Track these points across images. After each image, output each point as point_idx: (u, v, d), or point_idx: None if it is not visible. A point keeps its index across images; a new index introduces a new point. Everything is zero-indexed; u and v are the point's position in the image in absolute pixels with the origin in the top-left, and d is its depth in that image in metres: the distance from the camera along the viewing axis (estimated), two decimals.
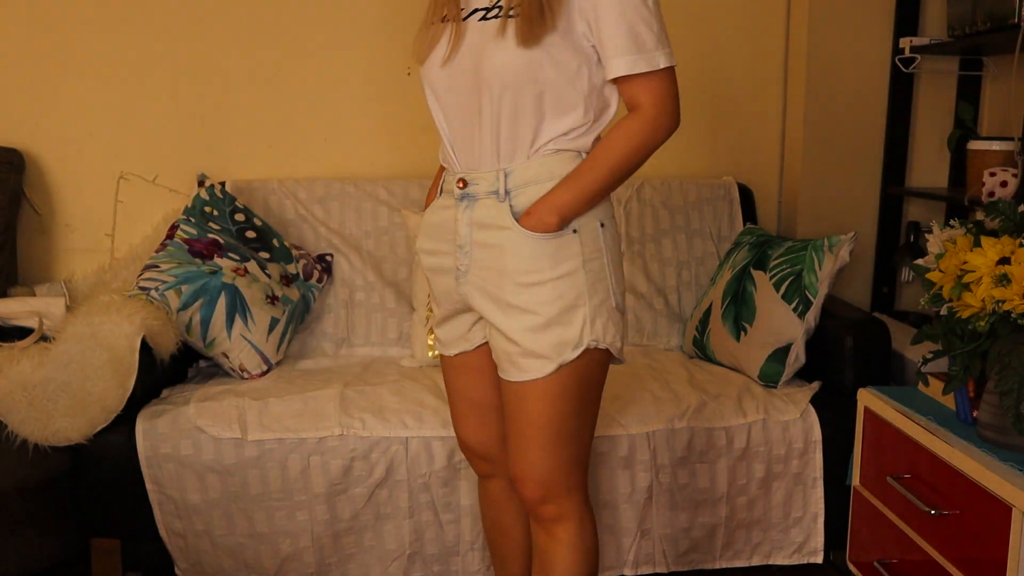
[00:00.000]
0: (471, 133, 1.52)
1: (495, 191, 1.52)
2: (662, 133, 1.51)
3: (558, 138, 1.50)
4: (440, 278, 1.62)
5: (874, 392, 2.14)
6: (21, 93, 2.83)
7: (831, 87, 2.91)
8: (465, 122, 1.53)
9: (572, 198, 1.49)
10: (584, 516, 1.63)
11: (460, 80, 1.51)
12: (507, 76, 1.45)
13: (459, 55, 1.50)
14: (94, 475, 2.16)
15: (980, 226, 1.82)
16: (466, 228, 1.54)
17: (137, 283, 2.41)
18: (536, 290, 1.51)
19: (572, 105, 1.49)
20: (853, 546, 2.23)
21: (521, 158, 1.50)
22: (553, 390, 1.54)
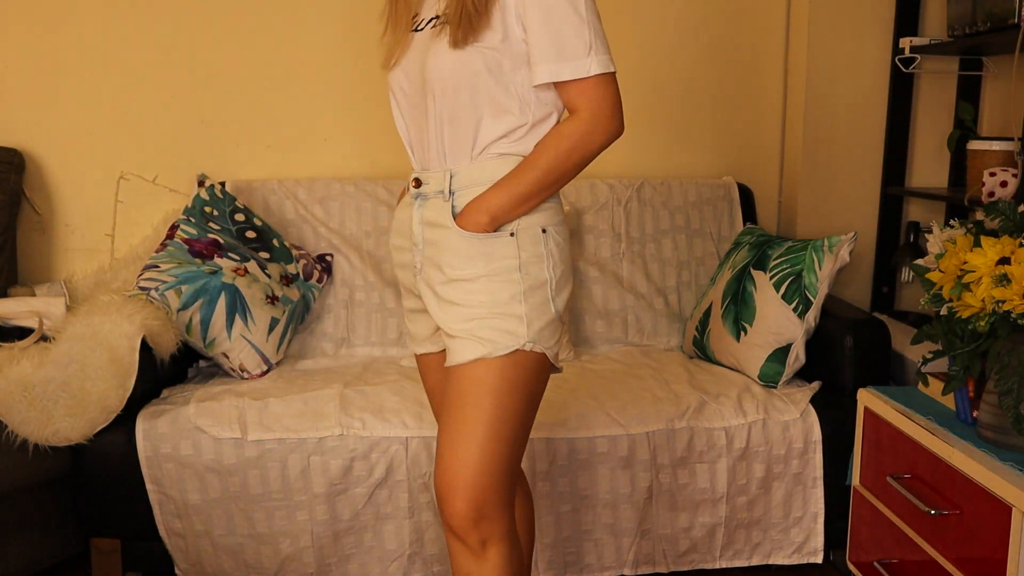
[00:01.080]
0: (422, 134, 1.58)
1: (441, 191, 1.55)
2: (600, 138, 1.50)
3: (498, 141, 1.52)
4: (405, 273, 1.65)
5: (874, 392, 2.14)
6: (21, 93, 2.83)
7: (831, 87, 2.91)
8: (418, 124, 1.58)
9: (504, 200, 1.51)
10: (515, 536, 1.56)
11: (412, 84, 1.57)
12: (444, 77, 1.50)
13: (409, 60, 1.58)
14: (94, 475, 2.16)
15: (980, 226, 1.82)
16: (418, 226, 1.58)
17: (137, 283, 2.41)
18: (467, 285, 1.53)
19: (506, 108, 1.50)
20: (853, 546, 2.23)
21: (464, 160, 1.54)
22: (490, 379, 1.50)
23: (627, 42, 2.97)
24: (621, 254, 2.84)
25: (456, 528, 1.51)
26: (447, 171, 1.54)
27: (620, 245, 2.84)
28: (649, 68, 3.01)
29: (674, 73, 3.02)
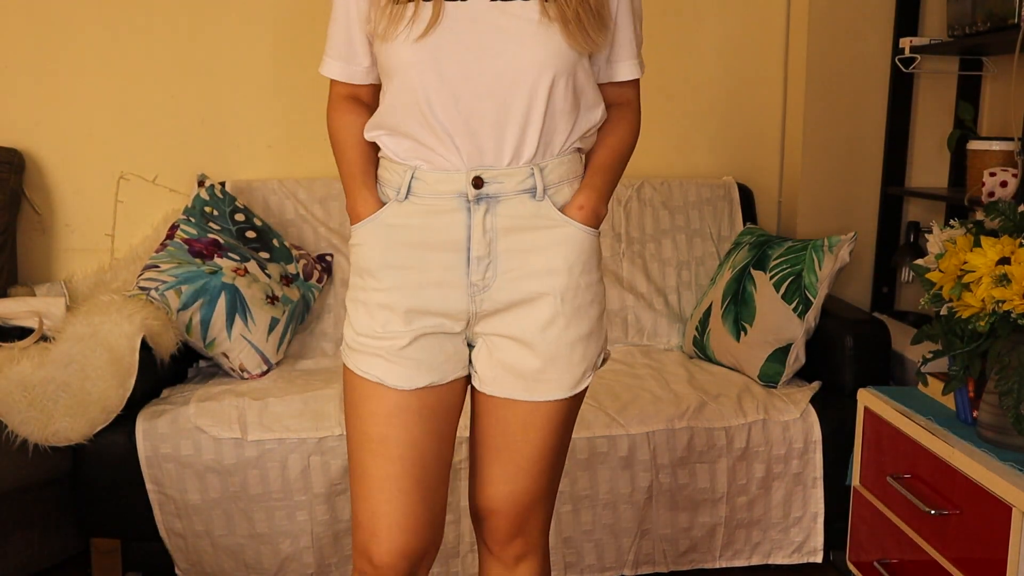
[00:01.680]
0: (481, 125, 1.35)
1: (530, 189, 1.38)
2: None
3: (584, 135, 1.43)
4: (432, 292, 1.40)
5: (874, 392, 2.14)
6: (21, 93, 2.83)
7: (831, 87, 2.91)
8: (477, 112, 1.34)
9: (608, 192, 1.46)
10: (547, 552, 1.53)
11: (474, 64, 1.33)
12: (548, 62, 1.33)
13: (466, 33, 1.33)
14: (94, 475, 2.16)
15: (980, 226, 1.82)
16: (487, 234, 1.38)
17: (137, 283, 2.41)
18: (589, 294, 1.43)
19: (596, 101, 1.43)
20: (853, 546, 2.23)
21: (552, 154, 1.39)
22: (564, 414, 1.44)
23: None
24: (621, 254, 2.84)
25: (493, 545, 1.50)
26: (532, 166, 1.37)
27: (620, 245, 2.84)
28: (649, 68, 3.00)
29: (674, 73, 3.02)
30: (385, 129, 1.41)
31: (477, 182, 1.36)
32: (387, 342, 1.40)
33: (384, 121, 1.41)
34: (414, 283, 1.40)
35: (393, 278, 1.40)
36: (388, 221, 1.41)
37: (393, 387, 1.39)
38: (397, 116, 1.38)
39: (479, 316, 1.41)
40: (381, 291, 1.41)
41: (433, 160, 1.38)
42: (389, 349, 1.40)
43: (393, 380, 1.39)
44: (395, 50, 1.35)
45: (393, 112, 1.39)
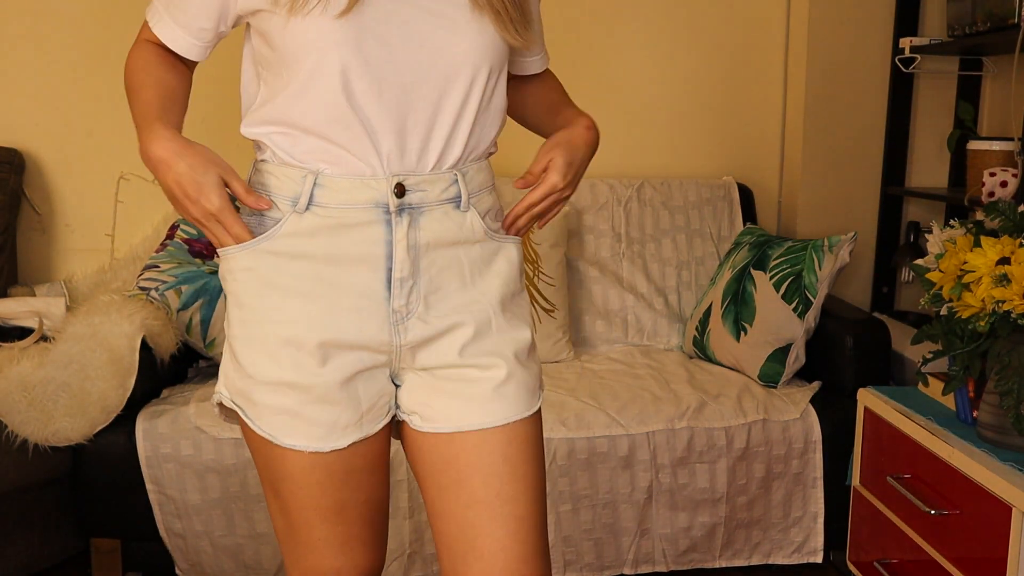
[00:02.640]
0: (421, 122, 1.16)
1: (453, 198, 1.19)
2: None
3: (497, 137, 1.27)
4: (347, 320, 1.17)
5: (874, 392, 2.14)
6: (21, 93, 2.83)
7: (831, 87, 2.91)
8: (411, 106, 1.15)
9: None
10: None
11: (398, 53, 1.14)
12: (482, 54, 1.17)
13: (390, 19, 1.14)
14: (94, 475, 2.16)
15: (980, 226, 1.82)
16: (411, 251, 1.17)
17: (137, 283, 2.41)
18: (524, 306, 1.27)
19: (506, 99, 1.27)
20: (853, 546, 2.23)
21: (474, 159, 1.22)
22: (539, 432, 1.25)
23: (627, 42, 2.97)
24: (621, 254, 2.84)
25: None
26: (455, 172, 1.19)
27: (620, 245, 2.84)
28: (649, 68, 3.01)
29: (674, 73, 3.02)
30: (280, 126, 1.17)
31: (400, 190, 1.15)
32: (297, 391, 1.15)
33: (279, 115, 1.16)
34: (324, 310, 1.16)
35: (297, 307, 1.16)
36: (284, 238, 1.16)
37: (312, 451, 1.17)
38: (300, 108, 1.14)
39: (403, 349, 1.19)
40: (282, 323, 1.16)
41: (343, 163, 1.15)
42: (301, 400, 1.16)
43: (309, 441, 1.16)
44: (308, 27, 1.11)
45: (294, 104, 1.14)
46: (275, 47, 1.15)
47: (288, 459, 1.18)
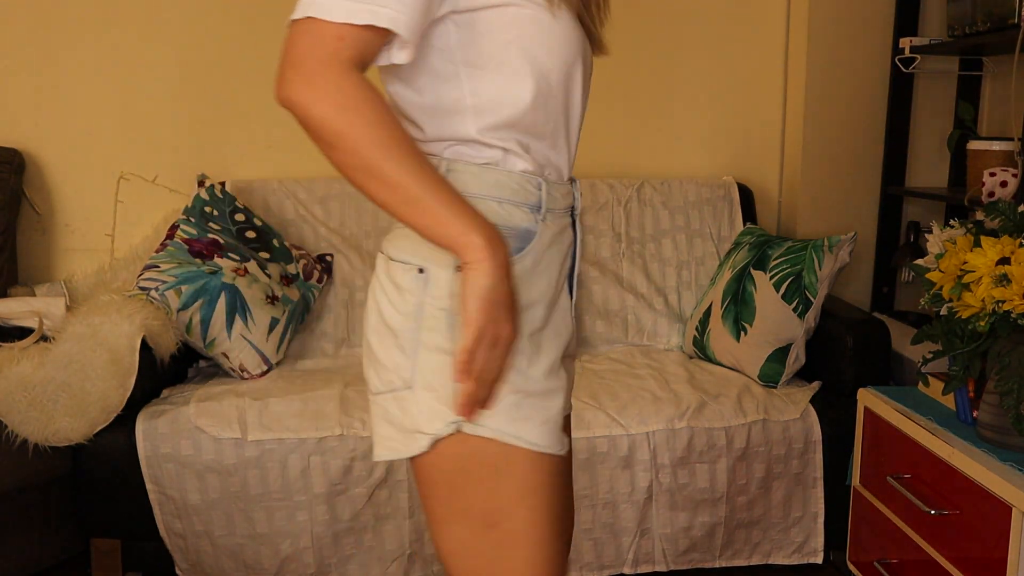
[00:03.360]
0: (576, 128, 1.22)
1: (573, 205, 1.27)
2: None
3: None
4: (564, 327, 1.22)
5: (874, 392, 2.14)
6: (21, 93, 2.83)
7: (831, 87, 2.91)
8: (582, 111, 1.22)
9: None
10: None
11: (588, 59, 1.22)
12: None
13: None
14: (94, 475, 2.16)
15: (980, 226, 1.82)
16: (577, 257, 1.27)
17: (137, 283, 2.41)
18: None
19: None
20: (853, 546, 2.23)
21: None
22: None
23: (628, 42, 2.97)
24: (621, 254, 2.84)
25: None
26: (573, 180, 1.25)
27: (620, 245, 2.84)
28: (649, 68, 3.01)
29: (674, 73, 3.02)
30: (525, 133, 1.14)
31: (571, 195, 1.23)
32: (557, 397, 1.15)
33: (524, 121, 1.13)
34: (560, 316, 1.20)
35: (543, 315, 1.17)
36: (532, 251, 1.16)
37: (558, 454, 1.16)
38: (544, 112, 1.13)
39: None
40: (546, 330, 1.18)
41: (556, 167, 1.19)
42: (559, 406, 1.16)
43: (559, 446, 1.16)
44: (565, 26, 1.11)
45: (540, 107, 1.13)
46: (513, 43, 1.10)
47: (546, 467, 1.15)
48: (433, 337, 1.11)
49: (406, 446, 1.14)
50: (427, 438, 1.12)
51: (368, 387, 1.18)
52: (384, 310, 1.15)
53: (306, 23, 1.03)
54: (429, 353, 1.11)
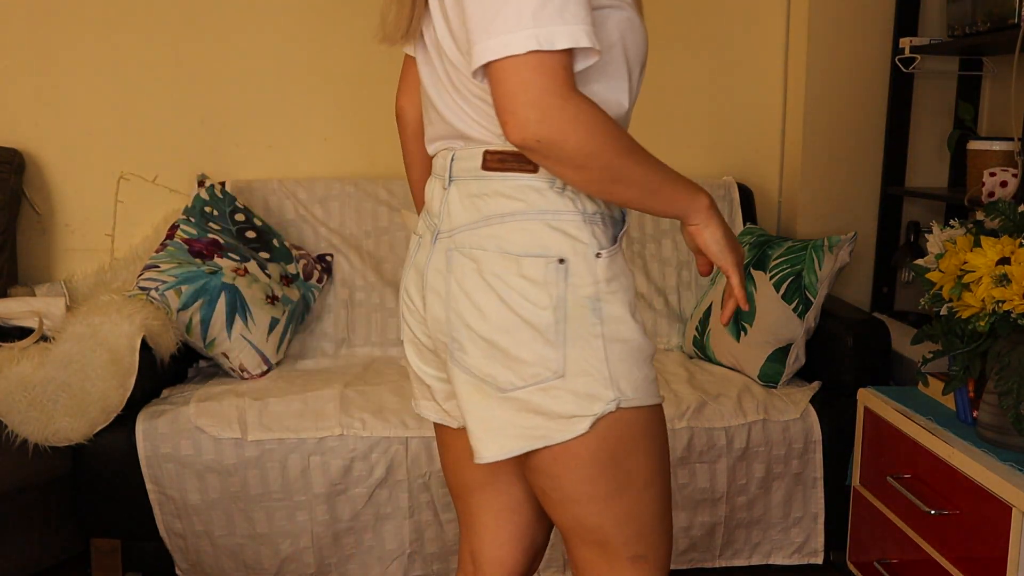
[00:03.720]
0: None
1: None
2: None
3: None
4: None
5: (874, 392, 2.14)
6: (21, 93, 2.83)
7: (831, 87, 2.91)
8: None
9: None
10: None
11: None
12: None
13: None
14: (94, 475, 2.16)
15: (980, 226, 1.82)
16: None
17: (137, 283, 2.41)
18: None
19: None
20: (853, 546, 2.23)
21: None
22: None
23: None
24: None
25: None
26: None
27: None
28: (649, 68, 3.00)
29: (674, 73, 3.02)
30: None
31: None
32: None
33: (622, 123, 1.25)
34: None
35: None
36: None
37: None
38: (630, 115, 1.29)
39: None
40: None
41: None
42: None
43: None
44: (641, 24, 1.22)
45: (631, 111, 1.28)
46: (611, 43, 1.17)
47: (663, 417, 1.29)
48: (581, 325, 1.17)
49: (561, 432, 1.19)
50: (588, 419, 1.18)
51: (495, 385, 1.19)
52: (517, 307, 1.17)
53: (530, 59, 1.05)
54: (580, 341, 1.17)
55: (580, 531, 1.26)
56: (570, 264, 1.17)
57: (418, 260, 1.30)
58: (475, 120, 1.21)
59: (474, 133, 1.21)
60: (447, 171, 1.25)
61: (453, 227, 1.22)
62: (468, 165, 1.22)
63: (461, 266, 1.21)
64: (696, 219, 1.22)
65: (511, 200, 1.19)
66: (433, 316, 1.25)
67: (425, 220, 1.31)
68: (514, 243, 1.18)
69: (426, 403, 1.39)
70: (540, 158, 1.10)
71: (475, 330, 1.19)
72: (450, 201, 1.24)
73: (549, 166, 1.11)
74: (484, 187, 1.20)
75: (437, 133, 1.28)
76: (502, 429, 1.20)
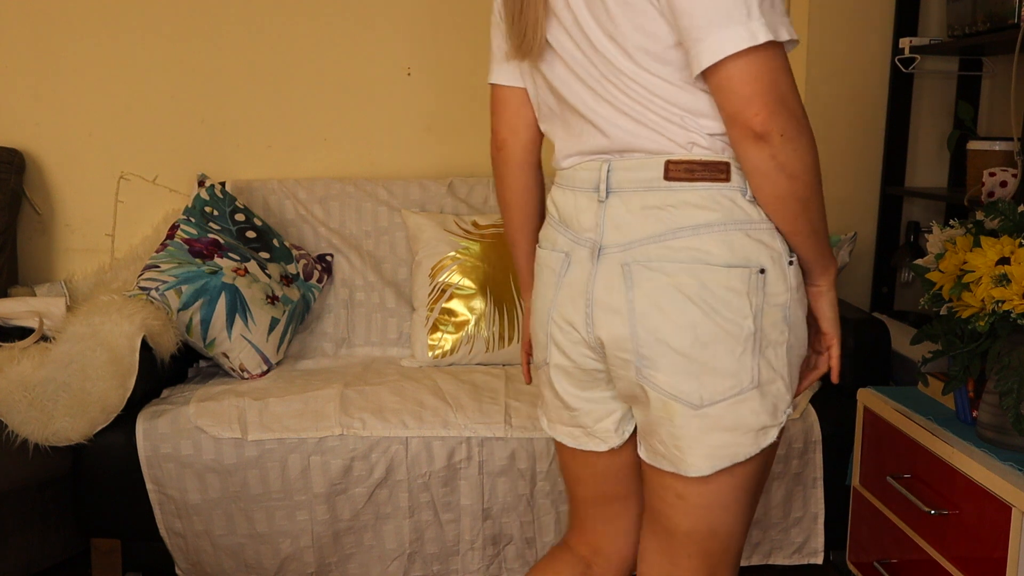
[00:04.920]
0: None
1: None
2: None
3: None
4: None
5: (874, 392, 2.14)
6: (21, 93, 2.83)
7: (831, 87, 2.91)
8: None
9: None
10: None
11: None
12: None
13: None
14: (94, 475, 2.16)
15: (980, 226, 1.82)
16: None
17: (137, 283, 2.41)
18: None
19: None
20: (853, 546, 2.23)
21: None
22: None
23: None
24: None
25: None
26: None
27: None
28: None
29: None
30: None
31: None
32: None
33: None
34: None
35: None
36: None
37: None
38: None
39: None
40: None
41: None
42: None
43: None
44: None
45: None
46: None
47: None
48: (775, 332, 1.20)
49: (756, 443, 1.24)
50: (776, 429, 1.25)
51: (687, 403, 1.20)
52: (721, 319, 1.17)
53: (771, 49, 1.11)
54: (770, 349, 1.21)
55: (706, 538, 1.29)
56: (768, 273, 1.18)
57: (573, 279, 1.26)
58: (651, 129, 1.18)
59: (644, 144, 1.19)
60: (600, 183, 1.22)
61: (628, 240, 1.20)
62: (641, 176, 1.20)
63: (649, 280, 1.19)
64: (824, 281, 1.26)
65: (704, 211, 1.17)
66: (611, 335, 1.22)
67: (565, 235, 1.27)
68: (714, 254, 1.17)
69: (564, 428, 1.38)
70: (768, 156, 1.11)
71: (670, 344, 1.18)
72: (614, 214, 1.21)
73: (769, 168, 1.12)
74: (668, 198, 1.18)
75: (581, 147, 1.25)
76: (700, 444, 1.22)
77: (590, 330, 1.24)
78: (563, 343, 1.29)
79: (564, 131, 1.29)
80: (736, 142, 1.13)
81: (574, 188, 1.27)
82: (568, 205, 1.27)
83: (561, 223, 1.29)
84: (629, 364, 1.22)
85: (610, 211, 1.21)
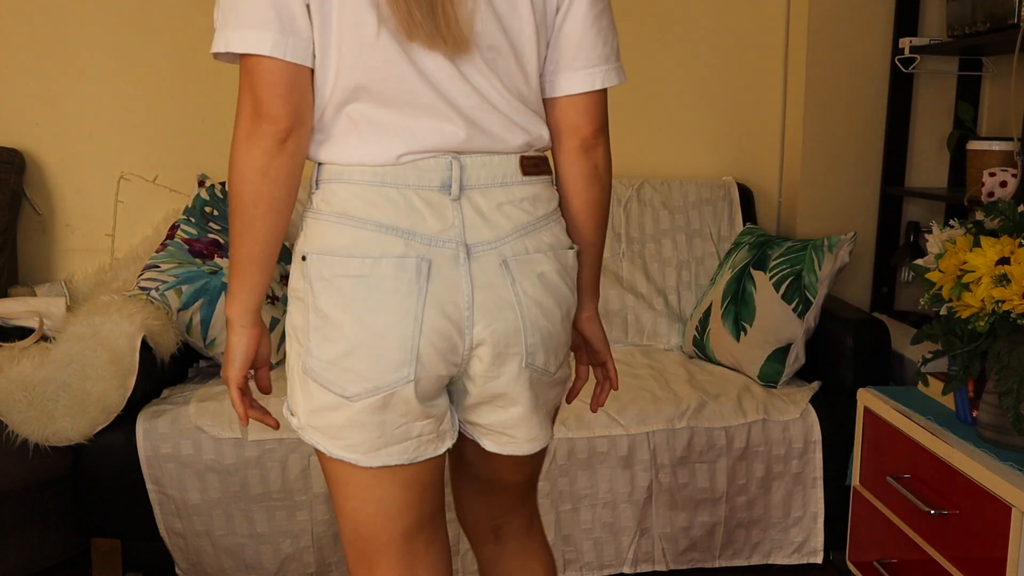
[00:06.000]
0: None
1: None
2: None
3: None
4: None
5: (874, 392, 2.14)
6: (21, 93, 2.83)
7: (831, 87, 2.91)
8: None
9: None
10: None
11: None
12: None
13: None
14: (94, 475, 2.16)
15: (980, 226, 1.82)
16: None
17: (137, 283, 2.41)
18: None
19: None
20: (853, 546, 2.23)
21: None
22: None
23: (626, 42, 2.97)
24: (621, 254, 2.84)
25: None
26: None
27: (620, 245, 2.84)
28: (649, 68, 3.01)
29: (674, 73, 3.02)
30: None
31: None
32: None
33: None
34: None
35: None
36: None
37: None
38: None
39: None
40: None
41: None
42: None
43: None
44: None
45: None
46: None
47: None
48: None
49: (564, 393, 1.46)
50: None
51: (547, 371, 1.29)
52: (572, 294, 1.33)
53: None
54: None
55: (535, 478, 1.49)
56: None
57: (443, 284, 1.16)
58: (518, 127, 1.24)
59: (513, 138, 1.23)
60: (453, 181, 1.17)
61: (497, 237, 1.19)
62: (497, 172, 1.21)
63: (528, 271, 1.22)
64: (594, 305, 1.40)
65: (549, 201, 1.28)
66: (497, 333, 1.19)
67: (406, 238, 1.16)
68: (562, 238, 1.29)
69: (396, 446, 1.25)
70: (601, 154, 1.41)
71: (544, 328, 1.24)
72: (478, 212, 1.18)
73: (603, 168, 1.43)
74: (524, 192, 1.24)
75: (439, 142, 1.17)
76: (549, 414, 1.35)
77: (468, 333, 1.18)
78: (431, 356, 1.18)
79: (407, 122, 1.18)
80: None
81: (403, 186, 1.16)
82: (405, 206, 1.16)
83: (391, 227, 1.16)
84: (514, 357, 1.22)
85: (471, 210, 1.18)
